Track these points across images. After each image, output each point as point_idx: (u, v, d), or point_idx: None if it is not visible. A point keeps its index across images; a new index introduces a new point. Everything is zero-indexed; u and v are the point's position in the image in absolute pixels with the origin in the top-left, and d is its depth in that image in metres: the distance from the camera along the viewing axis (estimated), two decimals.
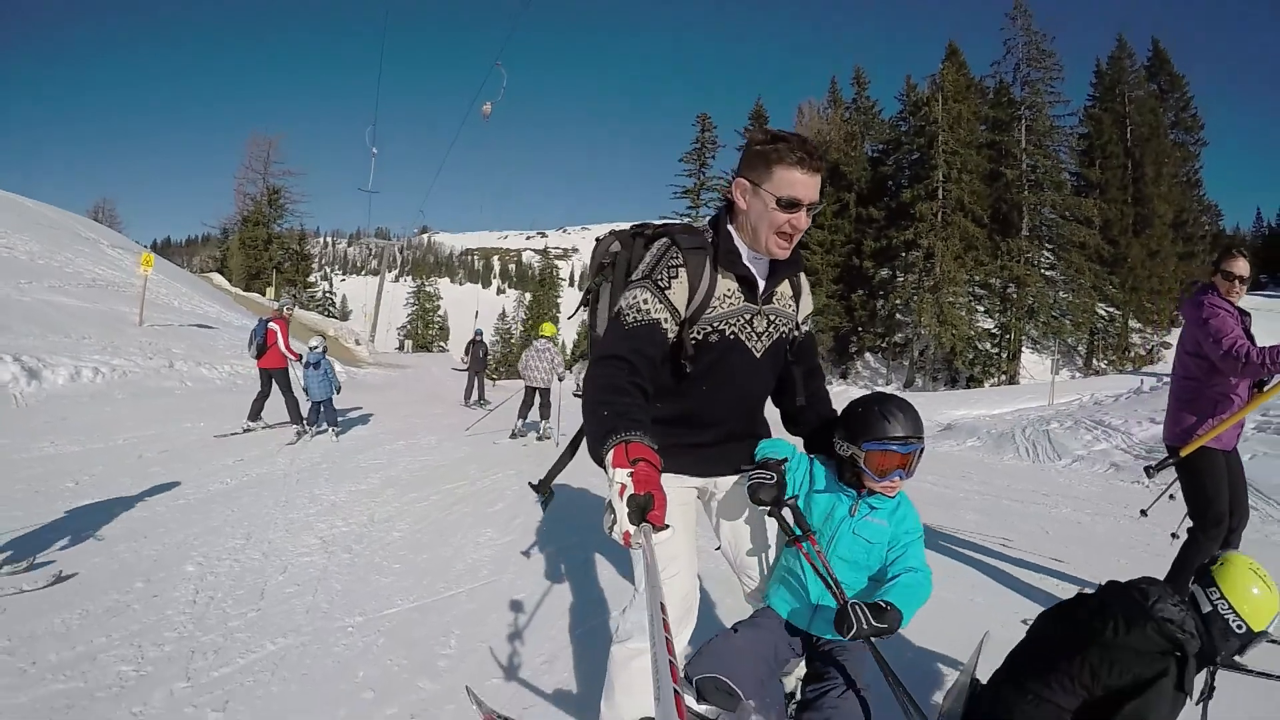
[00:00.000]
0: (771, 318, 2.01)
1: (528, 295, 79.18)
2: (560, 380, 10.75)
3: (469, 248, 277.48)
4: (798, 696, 2.11)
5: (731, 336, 1.94)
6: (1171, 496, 4.17)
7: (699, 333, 1.91)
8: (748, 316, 1.96)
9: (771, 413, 2.23)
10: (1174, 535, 3.91)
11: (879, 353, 38.95)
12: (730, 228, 1.95)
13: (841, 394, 31.26)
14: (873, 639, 1.79)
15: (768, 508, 1.96)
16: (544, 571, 4.34)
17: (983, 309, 36.02)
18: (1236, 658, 1.89)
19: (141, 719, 2.56)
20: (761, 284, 1.97)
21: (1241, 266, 3.51)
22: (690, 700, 1.85)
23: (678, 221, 2.08)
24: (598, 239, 2.26)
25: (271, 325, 9.35)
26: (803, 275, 2.13)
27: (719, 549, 2.23)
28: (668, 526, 1.46)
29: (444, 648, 3.20)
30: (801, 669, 2.11)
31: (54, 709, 2.57)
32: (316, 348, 9.52)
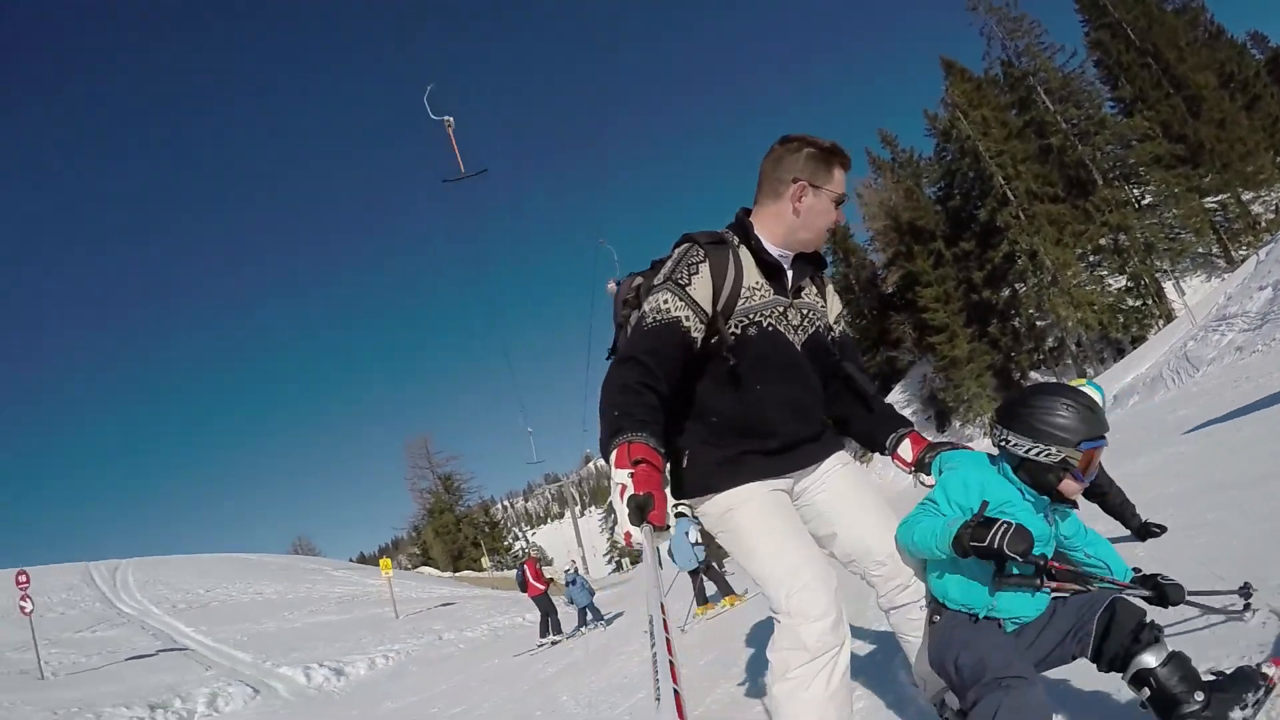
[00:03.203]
0: (804, 311, 1.98)
1: None
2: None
3: None
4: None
5: (769, 328, 1.90)
6: None
7: (736, 326, 1.87)
8: (781, 308, 1.93)
9: None
10: None
11: (1039, 367, 37.56)
12: (752, 221, 1.95)
13: None
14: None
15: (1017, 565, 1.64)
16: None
17: (1106, 272, 34.57)
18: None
19: None
20: (789, 277, 1.96)
21: None
22: None
23: None
24: (616, 282, 2.22)
25: (525, 566, 13.15)
26: (826, 276, 2.14)
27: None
28: (668, 528, 1.47)
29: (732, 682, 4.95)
30: None
31: None
32: (569, 569, 13.23)
